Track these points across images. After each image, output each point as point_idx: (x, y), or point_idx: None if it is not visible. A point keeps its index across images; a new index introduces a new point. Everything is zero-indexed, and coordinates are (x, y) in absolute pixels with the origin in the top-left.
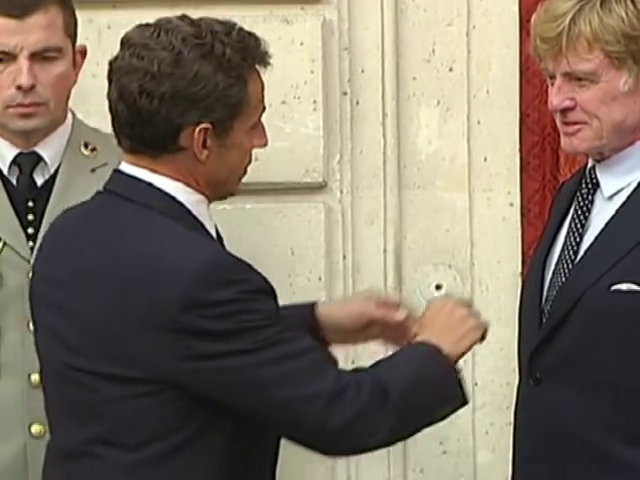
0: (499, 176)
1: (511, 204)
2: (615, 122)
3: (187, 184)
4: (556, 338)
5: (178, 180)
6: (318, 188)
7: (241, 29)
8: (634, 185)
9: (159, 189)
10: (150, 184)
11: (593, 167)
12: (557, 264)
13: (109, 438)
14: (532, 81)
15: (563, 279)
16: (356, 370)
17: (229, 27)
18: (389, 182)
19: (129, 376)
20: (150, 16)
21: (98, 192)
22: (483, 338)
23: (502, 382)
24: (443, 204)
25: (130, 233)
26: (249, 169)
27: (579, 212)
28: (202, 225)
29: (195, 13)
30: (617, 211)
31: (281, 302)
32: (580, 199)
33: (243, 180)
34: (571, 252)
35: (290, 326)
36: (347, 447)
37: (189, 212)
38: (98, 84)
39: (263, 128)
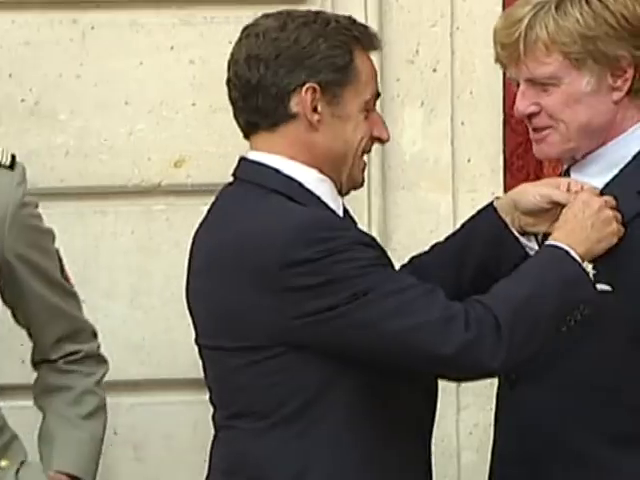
0: (483, 177)
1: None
2: (581, 124)
3: (305, 162)
4: None
5: (296, 158)
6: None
7: (351, 16)
8: (603, 186)
9: (273, 168)
10: (268, 166)
11: (568, 169)
12: None
13: (242, 410)
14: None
15: None
16: (470, 299)
17: (346, 16)
18: (373, 183)
19: (250, 346)
20: (133, 16)
21: (229, 183)
22: None
23: (486, 383)
24: (427, 205)
25: (240, 212)
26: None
27: None
28: (325, 204)
29: (179, 14)
30: None
31: None
32: None
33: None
34: None
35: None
36: (466, 372)
37: (309, 191)
38: (82, 84)
39: (382, 121)
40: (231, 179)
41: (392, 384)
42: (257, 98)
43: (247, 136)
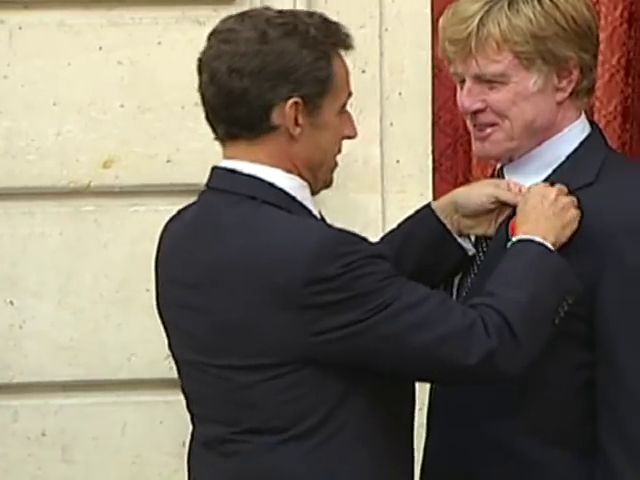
0: (412, 178)
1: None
2: (526, 122)
3: (286, 169)
4: None
5: (277, 166)
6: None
7: (322, 14)
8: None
9: (260, 179)
10: (252, 176)
11: (501, 168)
12: (481, 266)
13: (253, 426)
14: (445, 83)
15: (469, 279)
16: (473, 304)
17: (310, 12)
18: None
19: (264, 363)
20: (62, 17)
21: (202, 191)
22: None
23: None
24: (356, 206)
25: (244, 226)
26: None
27: None
28: (306, 209)
29: (108, 14)
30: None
31: None
32: None
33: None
34: (480, 253)
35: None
36: (488, 380)
37: (292, 198)
38: (10, 85)
39: (352, 119)
40: (160, 180)
41: (396, 394)
42: (239, 110)
43: (222, 142)
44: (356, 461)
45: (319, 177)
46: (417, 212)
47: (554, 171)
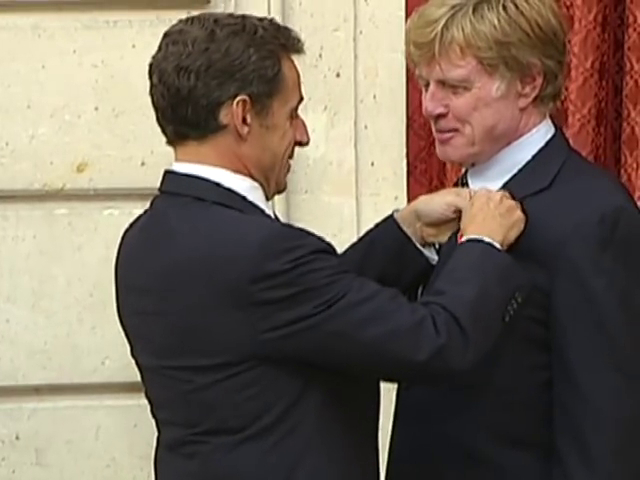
0: (386, 181)
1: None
2: (487, 127)
3: (236, 170)
4: None
5: (226, 167)
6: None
7: (273, 19)
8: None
9: (210, 180)
10: (203, 178)
11: (466, 172)
12: (439, 261)
13: (211, 427)
14: (419, 86)
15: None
16: (422, 302)
17: (262, 17)
18: None
19: (219, 362)
20: (36, 20)
21: (155, 196)
22: None
23: None
24: (330, 209)
25: (192, 228)
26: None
27: None
28: (258, 208)
29: (81, 17)
30: None
31: None
32: None
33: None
34: (446, 258)
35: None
36: (437, 377)
37: (243, 198)
38: None
39: (304, 125)
40: (134, 183)
41: (354, 387)
42: (187, 109)
43: (172, 145)
44: (315, 459)
45: (271, 179)
46: (381, 222)
47: (513, 176)
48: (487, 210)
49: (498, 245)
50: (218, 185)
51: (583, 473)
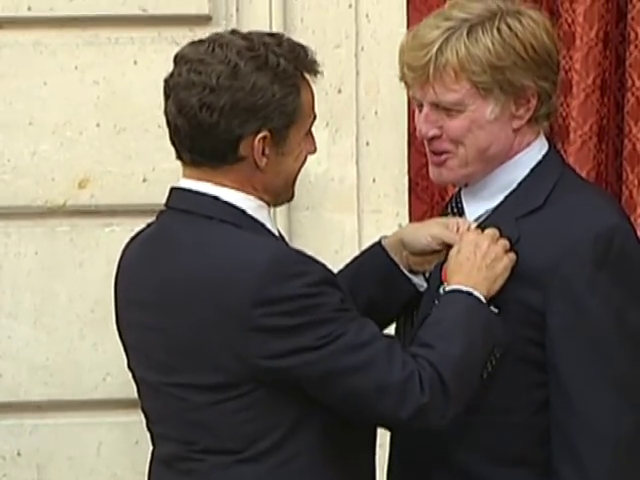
0: (388, 197)
1: (400, 225)
2: (480, 149)
3: (247, 193)
4: None
5: (238, 190)
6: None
7: (289, 39)
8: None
9: (221, 200)
10: (212, 196)
11: (459, 192)
12: (427, 289)
13: (208, 446)
14: None
15: (432, 303)
16: (413, 354)
17: (278, 38)
18: None
19: (217, 383)
20: (37, 36)
21: (161, 211)
22: None
23: None
24: (332, 225)
25: (197, 245)
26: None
27: None
28: (265, 227)
29: (83, 34)
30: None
31: None
32: None
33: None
34: (439, 275)
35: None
36: (414, 430)
37: (252, 217)
38: None
39: (312, 135)
40: (136, 200)
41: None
42: (207, 142)
43: (184, 163)
44: None
45: (280, 197)
46: (368, 248)
47: (508, 195)
48: (474, 260)
49: (482, 298)
50: (226, 203)
51: None
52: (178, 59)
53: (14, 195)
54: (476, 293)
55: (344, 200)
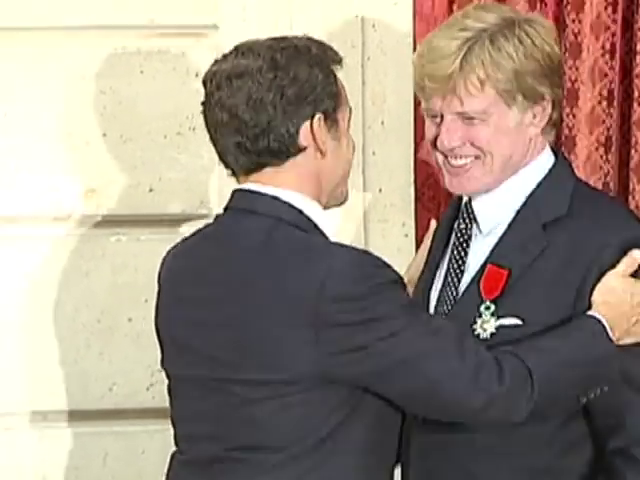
0: (394, 207)
1: (406, 235)
2: (504, 157)
3: (306, 194)
4: None
5: (297, 191)
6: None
7: (306, 35)
8: (508, 219)
9: (280, 199)
10: (272, 196)
11: (469, 200)
12: (439, 300)
13: (249, 443)
14: None
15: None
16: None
17: (294, 35)
18: None
19: (279, 379)
20: (44, 45)
21: (217, 215)
22: None
23: None
24: (338, 235)
25: (263, 244)
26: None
27: (459, 248)
28: (321, 232)
29: (89, 43)
30: (495, 245)
31: None
32: (459, 234)
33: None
34: (452, 288)
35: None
36: (489, 422)
37: (308, 218)
38: None
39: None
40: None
41: (397, 417)
42: (267, 139)
43: (242, 174)
44: None
45: (336, 191)
46: None
47: (524, 204)
48: (627, 309)
49: (612, 337)
50: (285, 203)
51: None
52: (210, 77)
53: (20, 204)
54: (608, 327)
55: (350, 210)
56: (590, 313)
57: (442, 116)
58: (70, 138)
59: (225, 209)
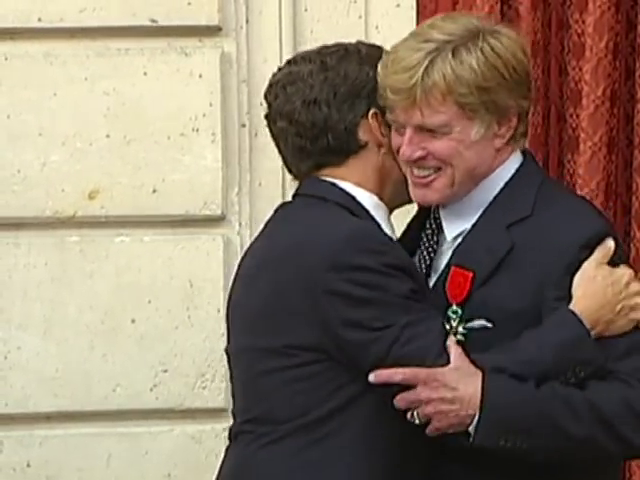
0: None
1: None
2: (468, 169)
3: (368, 190)
4: None
5: (360, 186)
6: (217, 220)
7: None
8: (474, 221)
9: (338, 186)
10: (331, 183)
11: (437, 208)
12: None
13: (260, 415)
14: None
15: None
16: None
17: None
18: None
19: (288, 344)
20: (47, 48)
21: (284, 203)
22: None
23: None
24: None
25: (301, 219)
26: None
27: (424, 253)
28: (379, 225)
29: (93, 45)
30: (458, 246)
31: (179, 335)
32: (425, 240)
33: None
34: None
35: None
36: None
37: (365, 210)
38: None
39: None
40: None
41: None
42: (327, 138)
43: (305, 176)
44: (350, 466)
45: (400, 187)
46: None
47: (484, 211)
48: (606, 293)
49: (586, 324)
50: (342, 190)
51: None
52: (268, 89)
53: (24, 206)
54: (589, 323)
55: None
56: (570, 309)
57: (403, 127)
58: (73, 139)
59: (296, 193)
